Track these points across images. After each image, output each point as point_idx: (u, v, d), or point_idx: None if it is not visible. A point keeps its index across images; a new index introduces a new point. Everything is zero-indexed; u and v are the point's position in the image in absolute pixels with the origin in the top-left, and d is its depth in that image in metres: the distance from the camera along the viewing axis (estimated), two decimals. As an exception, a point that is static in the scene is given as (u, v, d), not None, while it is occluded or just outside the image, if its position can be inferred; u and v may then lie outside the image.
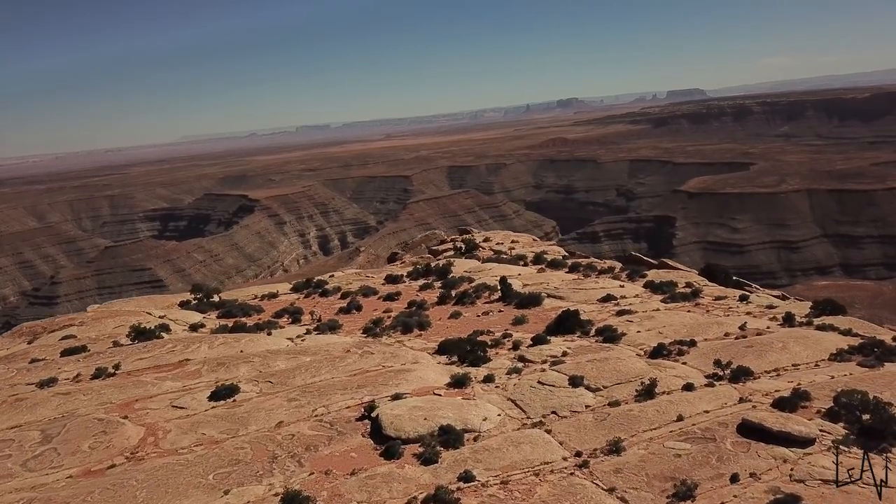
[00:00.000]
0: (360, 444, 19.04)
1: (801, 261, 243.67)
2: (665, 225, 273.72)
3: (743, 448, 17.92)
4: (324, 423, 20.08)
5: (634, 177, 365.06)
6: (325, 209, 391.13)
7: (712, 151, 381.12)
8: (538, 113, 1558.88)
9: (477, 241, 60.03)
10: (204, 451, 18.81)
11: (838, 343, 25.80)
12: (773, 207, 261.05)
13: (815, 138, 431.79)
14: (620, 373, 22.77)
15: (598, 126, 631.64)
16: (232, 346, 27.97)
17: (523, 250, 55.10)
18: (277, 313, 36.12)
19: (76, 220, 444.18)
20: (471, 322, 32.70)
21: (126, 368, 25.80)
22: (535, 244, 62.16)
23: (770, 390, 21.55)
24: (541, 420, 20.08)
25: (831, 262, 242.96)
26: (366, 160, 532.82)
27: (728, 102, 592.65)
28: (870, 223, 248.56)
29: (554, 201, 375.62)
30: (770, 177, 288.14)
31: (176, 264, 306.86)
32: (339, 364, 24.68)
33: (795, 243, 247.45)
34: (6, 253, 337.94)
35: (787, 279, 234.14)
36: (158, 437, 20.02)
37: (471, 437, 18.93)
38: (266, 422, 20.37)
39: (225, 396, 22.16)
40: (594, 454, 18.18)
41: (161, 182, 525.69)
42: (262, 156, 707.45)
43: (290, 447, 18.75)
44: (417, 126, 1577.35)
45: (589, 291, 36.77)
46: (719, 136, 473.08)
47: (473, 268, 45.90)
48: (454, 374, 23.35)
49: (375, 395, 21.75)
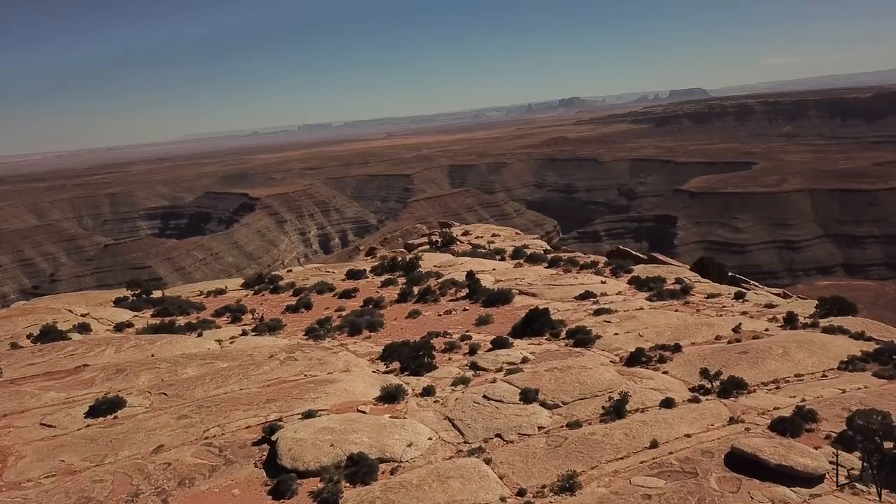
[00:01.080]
0: (249, 477, 15.11)
1: (803, 261, 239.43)
2: (666, 224, 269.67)
3: (731, 487, 13.91)
4: (212, 448, 16.15)
5: (636, 176, 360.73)
6: (326, 208, 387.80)
7: (714, 151, 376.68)
8: (540, 112, 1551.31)
9: (455, 235, 55.89)
10: (52, 485, 14.90)
11: (849, 349, 21.74)
12: (775, 207, 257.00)
13: (818, 138, 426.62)
14: (585, 385, 18.69)
15: (600, 125, 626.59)
16: (143, 350, 24.07)
17: (503, 244, 51.67)
18: (218, 311, 32.26)
19: (77, 217, 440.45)
20: (429, 322, 28.82)
21: (10, 375, 21.91)
22: (518, 238, 58.46)
23: (767, 407, 17.58)
24: (480, 446, 16.07)
25: (833, 262, 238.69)
26: (367, 159, 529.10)
27: (730, 102, 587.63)
28: (872, 223, 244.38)
29: (555, 200, 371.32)
30: (772, 176, 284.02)
31: (176, 262, 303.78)
32: (254, 373, 20.73)
33: (797, 243, 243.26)
34: (6, 251, 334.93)
35: (788, 279, 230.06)
36: (7, 464, 16.12)
37: (387, 468, 14.99)
38: (143, 445, 16.46)
39: (105, 412, 18.26)
40: (541, 493, 14.19)
41: (162, 180, 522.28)
42: (263, 154, 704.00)
43: (161, 480, 14.84)
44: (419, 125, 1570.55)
45: (566, 288, 32.84)
46: (721, 136, 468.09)
47: (444, 262, 42.10)
48: (387, 386, 19.36)
49: (285, 411, 17.80)
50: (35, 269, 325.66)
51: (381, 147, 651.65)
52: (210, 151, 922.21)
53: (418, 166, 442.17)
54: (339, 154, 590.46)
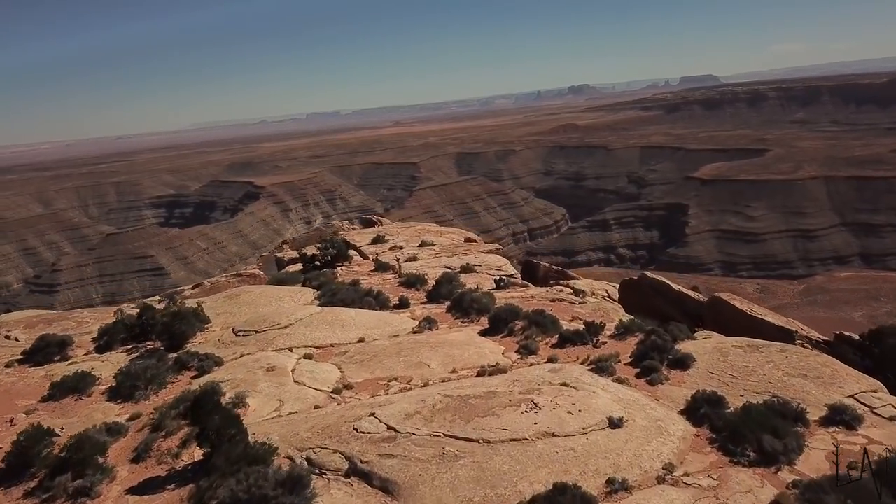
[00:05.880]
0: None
1: (819, 250, 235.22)
2: (677, 213, 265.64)
3: None
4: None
5: (646, 163, 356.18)
6: (332, 196, 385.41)
7: (726, 138, 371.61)
8: (549, 99, 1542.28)
9: (359, 243, 42.67)
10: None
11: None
12: (790, 195, 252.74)
13: (832, 124, 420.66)
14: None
15: (609, 112, 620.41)
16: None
17: (433, 262, 37.49)
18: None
19: (83, 206, 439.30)
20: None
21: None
22: (466, 249, 42.27)
23: None
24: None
25: (850, 252, 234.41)
26: (373, 147, 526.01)
27: (742, 88, 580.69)
28: (890, 211, 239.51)
29: (564, 188, 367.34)
30: (786, 163, 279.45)
31: (178, 252, 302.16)
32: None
33: (813, 232, 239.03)
34: (10, 240, 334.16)
35: (804, 269, 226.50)
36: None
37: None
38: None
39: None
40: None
41: (167, 169, 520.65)
42: (269, 143, 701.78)
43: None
44: (427, 113, 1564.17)
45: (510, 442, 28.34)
46: (733, 123, 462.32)
47: (267, 319, 26.70)
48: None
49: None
50: (38, 259, 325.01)
51: (388, 135, 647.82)
52: (217, 140, 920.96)
53: (425, 154, 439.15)
54: (346, 142, 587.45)
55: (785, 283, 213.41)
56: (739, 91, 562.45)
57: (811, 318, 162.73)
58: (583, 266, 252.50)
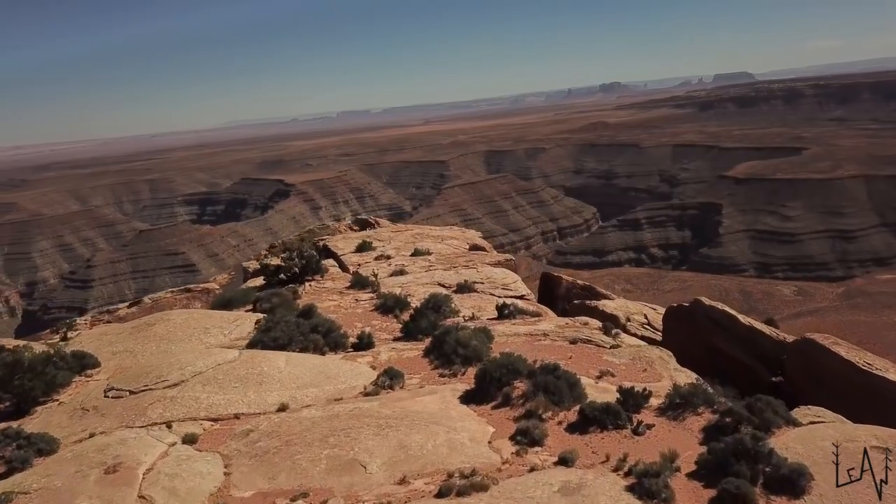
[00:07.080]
0: None
1: (858, 251, 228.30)
2: (711, 212, 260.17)
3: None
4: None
5: (678, 162, 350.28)
6: (361, 194, 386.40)
7: (761, 136, 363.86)
8: (580, 97, 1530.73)
9: (342, 251, 36.83)
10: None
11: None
12: (828, 194, 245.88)
13: (872, 122, 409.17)
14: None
15: (641, 110, 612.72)
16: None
17: (422, 278, 31.36)
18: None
19: (118, 203, 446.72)
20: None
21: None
22: (467, 259, 34.97)
23: None
24: None
25: (891, 253, 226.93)
26: (402, 145, 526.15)
27: (778, 85, 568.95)
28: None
29: (594, 187, 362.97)
30: (824, 162, 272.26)
31: (209, 248, 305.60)
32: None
33: (852, 232, 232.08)
34: (47, 236, 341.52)
35: (842, 271, 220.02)
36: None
37: None
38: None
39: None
40: None
41: (200, 166, 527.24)
42: (300, 141, 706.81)
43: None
44: (457, 111, 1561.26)
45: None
46: (769, 120, 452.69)
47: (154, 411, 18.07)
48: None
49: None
50: (74, 254, 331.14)
51: (417, 133, 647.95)
52: (248, 138, 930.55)
53: (454, 152, 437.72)
54: (376, 140, 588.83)
55: (823, 286, 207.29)
56: (775, 88, 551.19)
57: (852, 321, 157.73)
58: (613, 266, 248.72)
